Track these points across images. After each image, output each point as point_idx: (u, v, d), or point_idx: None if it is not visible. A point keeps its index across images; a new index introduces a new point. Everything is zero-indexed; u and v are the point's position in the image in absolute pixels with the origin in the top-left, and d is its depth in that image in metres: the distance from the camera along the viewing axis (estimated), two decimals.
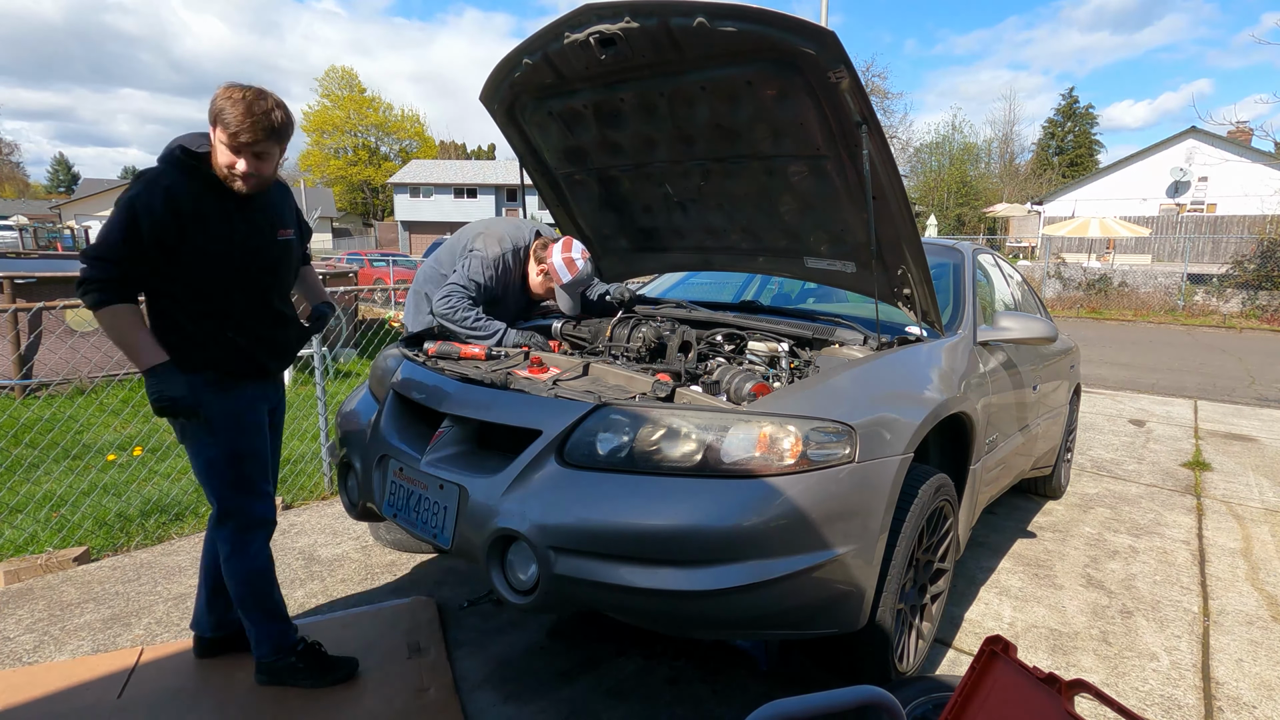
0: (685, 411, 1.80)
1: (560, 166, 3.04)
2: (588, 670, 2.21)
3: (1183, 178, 23.94)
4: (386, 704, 2.00)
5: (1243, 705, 2.16)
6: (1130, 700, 2.16)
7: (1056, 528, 3.54)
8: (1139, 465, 4.66)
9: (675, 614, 1.70)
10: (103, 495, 3.41)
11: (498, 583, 1.76)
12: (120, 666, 2.14)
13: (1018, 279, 3.87)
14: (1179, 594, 2.87)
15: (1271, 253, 15.44)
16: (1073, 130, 43.54)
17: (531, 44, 2.43)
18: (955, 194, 34.70)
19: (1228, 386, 7.88)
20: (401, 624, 2.41)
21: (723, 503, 1.66)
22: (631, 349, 2.51)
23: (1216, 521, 3.68)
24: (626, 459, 1.74)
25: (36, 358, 5.66)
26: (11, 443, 4.18)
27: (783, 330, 2.50)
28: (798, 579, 1.69)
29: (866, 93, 2.02)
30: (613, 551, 1.65)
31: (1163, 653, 2.43)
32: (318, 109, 52.70)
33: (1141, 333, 13.47)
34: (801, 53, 2.01)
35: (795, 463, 1.73)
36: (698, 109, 2.39)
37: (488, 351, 2.44)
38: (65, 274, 7.28)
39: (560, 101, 2.67)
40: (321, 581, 2.76)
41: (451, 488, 1.85)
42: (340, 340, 7.16)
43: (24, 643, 2.32)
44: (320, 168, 53.02)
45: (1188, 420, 6.03)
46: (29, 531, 3.04)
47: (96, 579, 2.75)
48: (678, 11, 2.06)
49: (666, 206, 2.97)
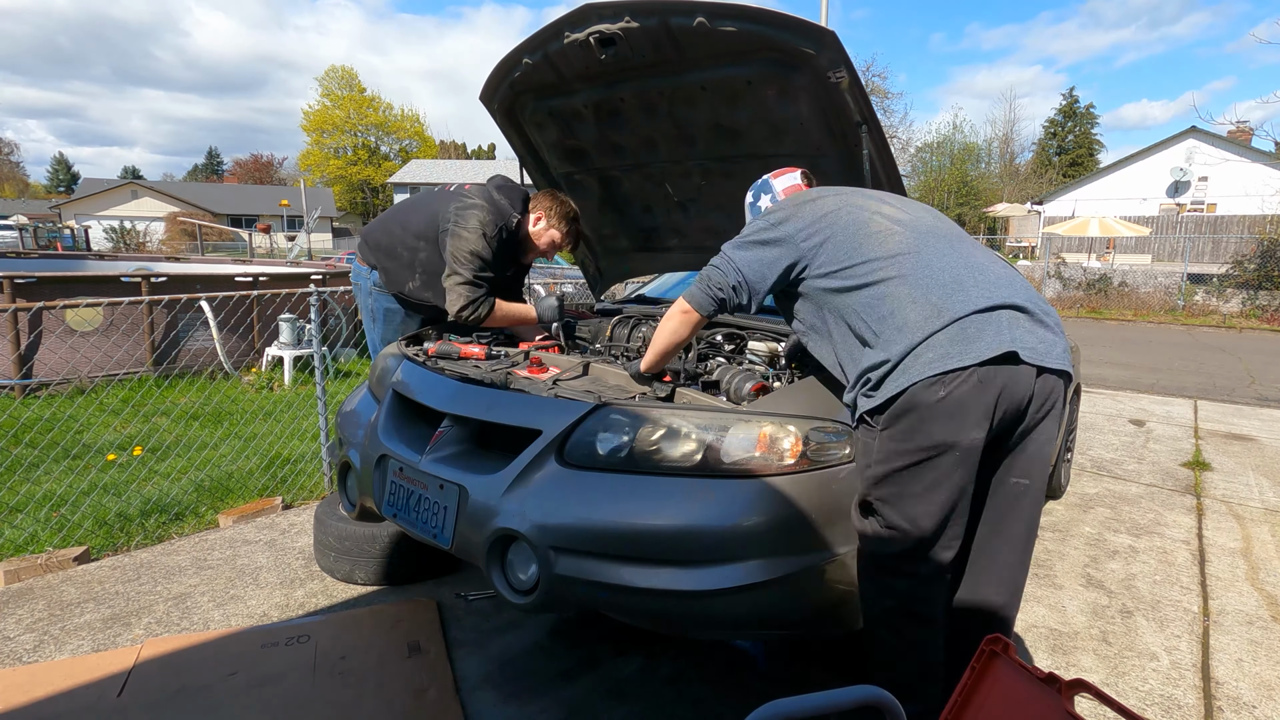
0: (685, 411, 1.80)
1: (560, 166, 3.04)
2: (588, 670, 2.21)
3: (1183, 177, 23.93)
4: (386, 704, 2.00)
5: (1243, 705, 2.16)
6: (1130, 700, 2.16)
7: (1056, 527, 3.54)
8: (1139, 465, 4.66)
9: (675, 614, 1.70)
10: (103, 495, 3.41)
11: (498, 583, 1.75)
12: (120, 666, 2.14)
13: None
14: (1179, 594, 2.87)
15: (1271, 253, 15.43)
16: (1073, 130, 43.54)
17: (531, 43, 2.43)
18: (956, 194, 34.70)
19: (1228, 386, 7.88)
20: (401, 624, 2.41)
21: (723, 502, 1.66)
22: (631, 349, 2.51)
23: (1216, 521, 3.68)
24: (626, 459, 1.74)
25: (36, 358, 5.65)
26: (11, 443, 4.18)
27: (783, 330, 2.50)
28: (798, 579, 1.69)
29: (866, 92, 2.02)
30: (613, 551, 1.65)
31: (1163, 653, 2.43)
32: (318, 109, 52.71)
33: (1141, 332, 13.47)
34: (801, 53, 2.01)
35: (795, 462, 1.73)
36: (698, 109, 2.39)
37: (488, 351, 2.44)
38: (65, 274, 7.31)
39: (560, 101, 2.67)
40: (321, 581, 2.76)
41: (451, 488, 1.85)
42: (340, 340, 7.16)
43: (24, 642, 2.32)
44: (320, 167, 52.98)
45: (1188, 420, 6.03)
46: (29, 531, 3.04)
47: (96, 579, 2.75)
48: (678, 11, 2.06)
49: (666, 206, 2.97)
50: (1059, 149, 43.00)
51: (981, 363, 1.50)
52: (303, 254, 21.95)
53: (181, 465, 3.95)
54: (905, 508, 1.57)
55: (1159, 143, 24.99)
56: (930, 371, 1.51)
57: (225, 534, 3.21)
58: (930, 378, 1.51)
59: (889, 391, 1.56)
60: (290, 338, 6.40)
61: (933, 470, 1.55)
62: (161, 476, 3.78)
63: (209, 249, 28.03)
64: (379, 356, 2.60)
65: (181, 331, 6.25)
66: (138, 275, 6.26)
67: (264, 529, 3.27)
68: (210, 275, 7.52)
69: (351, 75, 53.78)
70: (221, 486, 3.65)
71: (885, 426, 1.59)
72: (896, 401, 1.56)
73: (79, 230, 28.45)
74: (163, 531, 3.17)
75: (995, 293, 1.59)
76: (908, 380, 1.53)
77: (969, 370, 1.50)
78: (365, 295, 3.00)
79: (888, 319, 1.60)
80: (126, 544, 3.05)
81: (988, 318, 1.55)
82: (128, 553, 3.00)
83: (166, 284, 6.42)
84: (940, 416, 1.51)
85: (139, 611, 2.52)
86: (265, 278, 7.33)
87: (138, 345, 6.07)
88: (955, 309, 1.56)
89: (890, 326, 1.60)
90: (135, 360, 6.04)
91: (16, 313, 5.36)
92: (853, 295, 1.67)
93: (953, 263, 1.65)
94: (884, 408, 1.58)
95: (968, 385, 1.50)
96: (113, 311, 5.79)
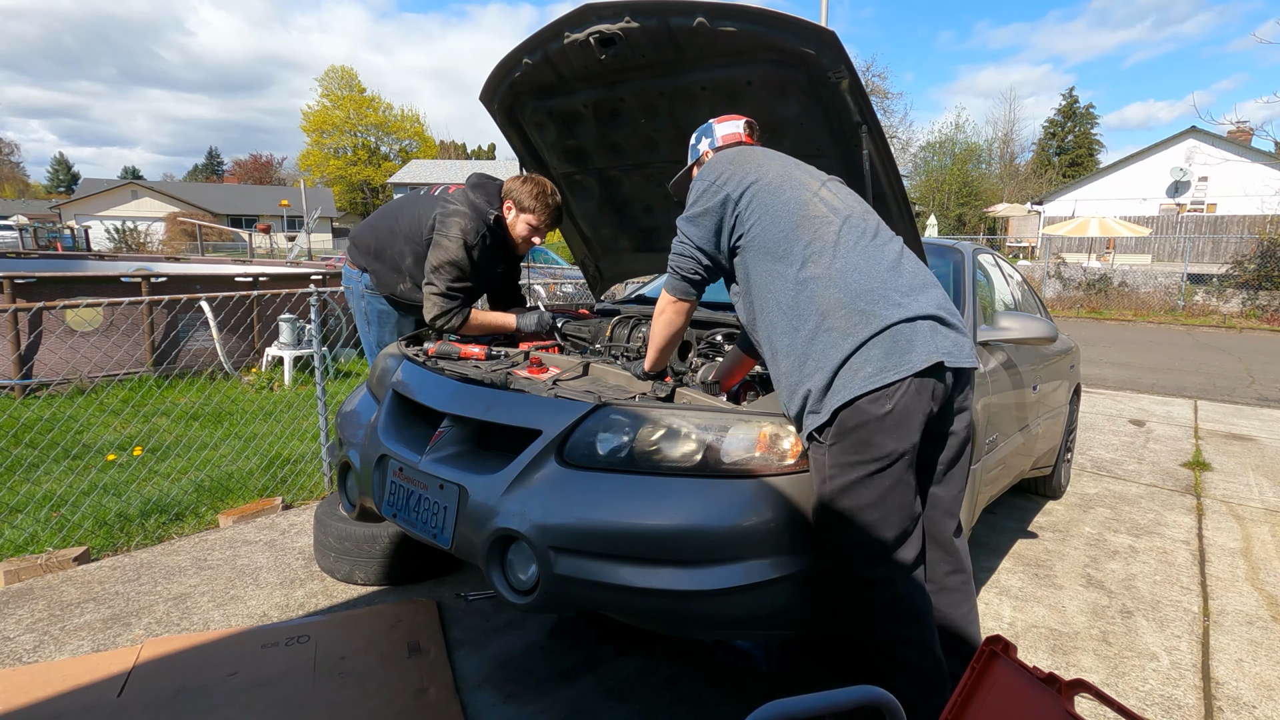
0: (685, 411, 1.80)
1: (560, 166, 3.04)
2: (588, 670, 2.21)
3: (1183, 178, 23.93)
4: (386, 704, 2.00)
5: (1243, 705, 2.16)
6: (1130, 700, 2.16)
7: (1056, 528, 3.54)
8: (1139, 465, 4.66)
9: (675, 614, 1.70)
10: (103, 495, 3.41)
11: (498, 583, 1.75)
12: (120, 667, 2.14)
13: (1018, 279, 3.87)
14: (1179, 594, 2.87)
15: (1271, 253, 15.43)
16: (1073, 130, 43.54)
17: (531, 44, 2.43)
18: (956, 194, 34.68)
19: (1228, 386, 7.88)
20: (401, 624, 2.41)
21: (723, 502, 1.66)
22: (631, 349, 2.51)
23: (1216, 521, 3.68)
24: (626, 459, 1.74)
25: (36, 358, 5.65)
26: (11, 443, 4.18)
27: None
28: (798, 579, 1.69)
29: (866, 93, 2.02)
30: (613, 551, 1.65)
31: (1163, 653, 2.43)
32: (317, 109, 52.71)
33: (1141, 333, 13.47)
34: (801, 53, 2.01)
35: (795, 462, 1.73)
36: (698, 109, 2.39)
37: (488, 351, 2.44)
38: (65, 274, 7.31)
39: (560, 101, 2.66)
40: (321, 581, 2.76)
41: (451, 488, 1.85)
42: (340, 340, 7.16)
43: (24, 642, 2.32)
44: (320, 167, 52.97)
45: (1188, 420, 6.03)
46: (29, 531, 3.04)
47: (96, 579, 2.75)
48: (678, 11, 2.06)
49: (666, 206, 2.97)
50: (1059, 149, 42.99)
51: (916, 373, 1.59)
52: (303, 254, 21.95)
53: (181, 465, 3.95)
54: (865, 517, 1.61)
55: (1159, 143, 24.98)
56: (871, 385, 1.58)
57: (225, 534, 3.21)
58: (872, 392, 1.58)
59: (833, 405, 1.60)
60: (290, 338, 6.40)
61: (887, 478, 1.61)
62: (161, 477, 3.78)
63: (209, 249, 28.04)
64: (379, 356, 2.60)
65: (181, 332, 6.25)
66: (138, 275, 6.27)
67: (264, 529, 3.27)
68: (210, 275, 7.52)
69: (351, 75, 53.77)
70: (221, 487, 3.65)
71: (834, 441, 1.62)
72: (841, 416, 1.60)
73: (79, 230, 28.46)
74: (163, 532, 3.17)
75: (915, 301, 1.67)
76: (849, 394, 1.59)
77: (907, 381, 1.59)
78: (358, 298, 3.00)
79: (814, 317, 1.66)
80: (126, 544, 3.05)
81: (914, 327, 1.63)
82: (128, 553, 3.00)
83: (166, 284, 6.42)
84: (889, 428, 1.59)
85: (139, 612, 2.52)
86: (265, 278, 7.32)
87: (138, 345, 6.07)
88: (883, 316, 1.63)
89: (818, 326, 1.65)
90: (135, 360, 6.04)
91: (16, 313, 5.36)
92: (781, 278, 1.71)
93: (877, 265, 1.70)
94: (829, 423, 1.62)
95: (909, 395, 1.59)
96: (113, 311, 5.79)
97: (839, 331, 1.62)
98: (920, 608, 1.67)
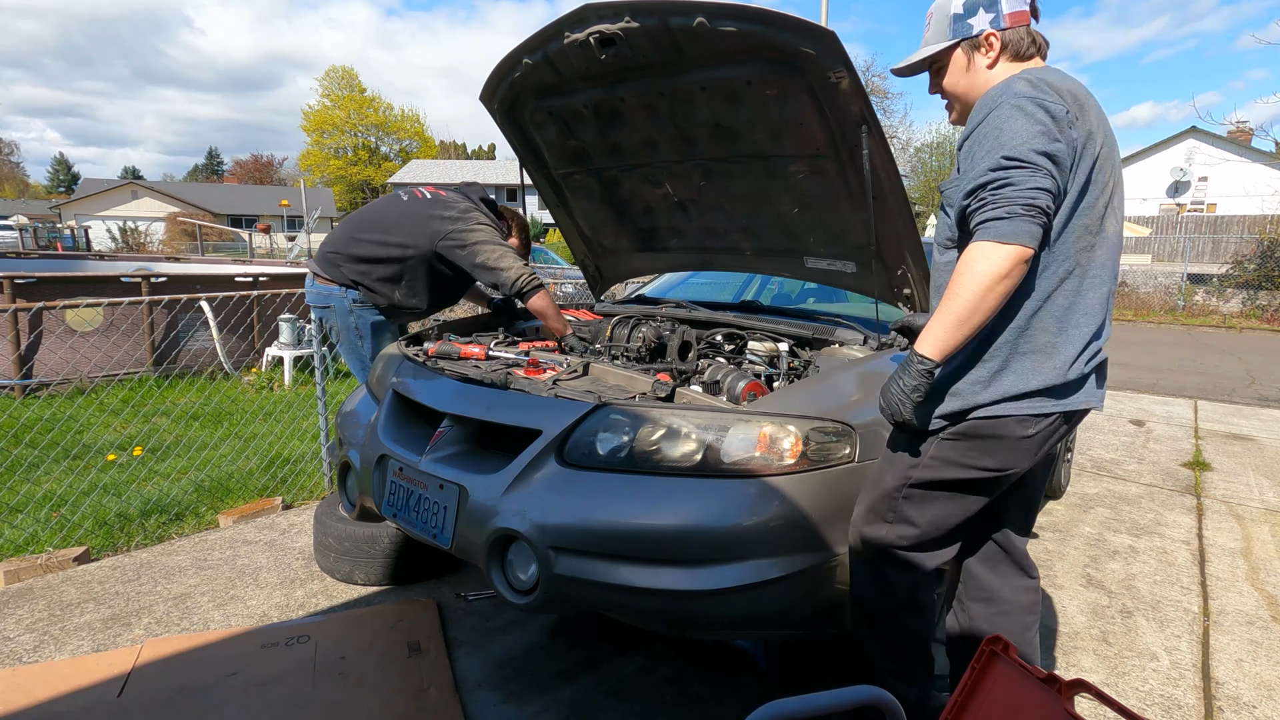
0: (685, 411, 1.80)
1: (560, 166, 3.04)
2: (588, 670, 2.21)
3: (1183, 178, 23.92)
4: (386, 704, 2.00)
5: (1243, 705, 2.16)
6: (1130, 700, 2.16)
7: (1056, 527, 3.54)
8: (1139, 465, 4.65)
9: (675, 614, 1.70)
10: (103, 495, 3.41)
11: (498, 583, 1.76)
12: (120, 667, 2.14)
13: None
14: (1179, 594, 2.87)
15: (1271, 253, 15.43)
16: None
17: (531, 43, 2.43)
18: None
19: (1228, 386, 7.88)
20: (401, 624, 2.41)
21: (723, 502, 1.66)
22: (631, 349, 2.51)
23: (1216, 521, 3.68)
24: (626, 459, 1.74)
25: (36, 358, 5.66)
26: (11, 443, 4.18)
27: (783, 330, 2.50)
28: (798, 579, 1.69)
29: (866, 93, 2.02)
30: (613, 551, 1.65)
31: (1163, 653, 2.43)
32: (318, 109, 52.71)
33: (1141, 333, 13.47)
34: (801, 53, 2.01)
35: (795, 462, 1.73)
36: (698, 109, 2.39)
37: (487, 352, 2.44)
38: (65, 274, 7.31)
39: (560, 101, 2.66)
40: (321, 581, 2.76)
41: (451, 487, 1.85)
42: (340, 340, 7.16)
43: (24, 642, 2.32)
44: (320, 168, 52.97)
45: (1188, 420, 6.03)
46: (29, 531, 3.04)
47: (96, 579, 2.75)
48: (678, 11, 2.06)
49: (666, 206, 2.97)
50: None
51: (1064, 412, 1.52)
52: (303, 254, 21.93)
53: (181, 465, 3.95)
54: (933, 509, 1.57)
55: (1159, 143, 24.96)
56: (1030, 411, 1.48)
57: (225, 534, 3.21)
58: (1026, 416, 1.49)
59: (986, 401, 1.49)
60: (290, 338, 6.40)
61: (983, 488, 1.57)
62: (161, 477, 3.78)
63: (209, 249, 28.02)
64: (379, 356, 2.60)
65: (181, 332, 6.25)
66: (138, 275, 6.27)
67: (264, 529, 3.27)
68: (210, 275, 7.52)
69: (352, 75, 53.77)
70: (221, 487, 3.65)
71: (952, 438, 1.53)
72: (983, 422, 1.50)
73: (79, 230, 28.46)
74: (163, 532, 3.17)
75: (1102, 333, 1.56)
76: (1002, 410, 1.48)
77: (1056, 415, 1.51)
78: (344, 315, 2.90)
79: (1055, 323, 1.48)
80: (126, 544, 3.05)
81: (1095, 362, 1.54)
82: (128, 553, 3.00)
83: (166, 284, 6.42)
84: (1019, 451, 1.52)
85: (139, 612, 2.52)
86: (265, 278, 7.32)
87: (138, 345, 6.07)
88: (1096, 342, 1.53)
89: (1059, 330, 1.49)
90: (135, 360, 6.04)
91: (16, 313, 5.36)
92: (1059, 264, 1.45)
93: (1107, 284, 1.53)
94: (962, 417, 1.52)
95: (1051, 428, 1.52)
96: (113, 311, 5.79)
97: (1060, 347, 1.50)
98: (929, 605, 1.67)
